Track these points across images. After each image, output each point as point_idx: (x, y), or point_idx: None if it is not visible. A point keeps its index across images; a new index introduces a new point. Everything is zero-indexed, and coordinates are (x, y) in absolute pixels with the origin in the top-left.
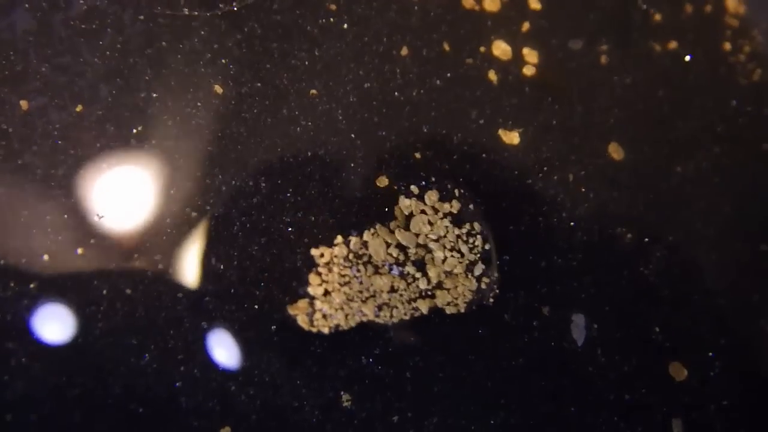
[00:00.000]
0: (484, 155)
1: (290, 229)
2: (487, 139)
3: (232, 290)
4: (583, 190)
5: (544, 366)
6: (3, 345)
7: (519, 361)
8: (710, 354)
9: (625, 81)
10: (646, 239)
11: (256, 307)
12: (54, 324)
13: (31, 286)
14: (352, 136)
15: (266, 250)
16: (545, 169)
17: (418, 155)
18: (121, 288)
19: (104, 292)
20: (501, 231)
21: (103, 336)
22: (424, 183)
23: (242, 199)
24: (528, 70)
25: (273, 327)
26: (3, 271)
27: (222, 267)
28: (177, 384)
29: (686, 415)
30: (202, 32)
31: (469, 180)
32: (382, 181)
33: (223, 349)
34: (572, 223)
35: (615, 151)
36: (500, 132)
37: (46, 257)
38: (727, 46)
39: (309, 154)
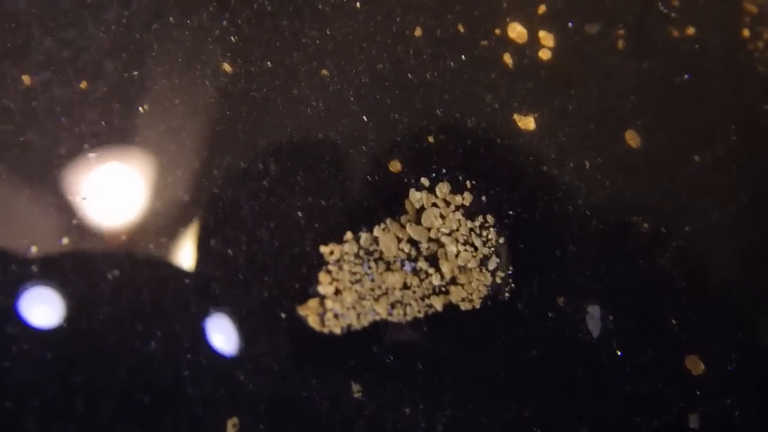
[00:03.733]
0: (498, 140)
1: (300, 213)
2: (501, 124)
3: (240, 276)
4: (599, 177)
5: (558, 358)
6: (4, 330)
7: (533, 353)
8: (727, 347)
9: (642, 67)
10: (663, 229)
11: (265, 293)
12: (57, 308)
13: (34, 268)
14: (364, 118)
15: (275, 234)
16: (560, 155)
17: (431, 139)
18: (126, 271)
19: (108, 276)
20: (515, 219)
21: (107, 321)
22: (434, 175)
23: (251, 181)
24: (544, 54)
25: (282, 314)
26: (4, 253)
27: (230, 251)
28: (183, 372)
29: (703, 410)
30: (211, 7)
31: (483, 169)
32: (395, 166)
33: (231, 337)
34: (588, 212)
35: (632, 139)
36: (515, 117)
37: (48, 239)
38: (746, 32)
39: (320, 136)
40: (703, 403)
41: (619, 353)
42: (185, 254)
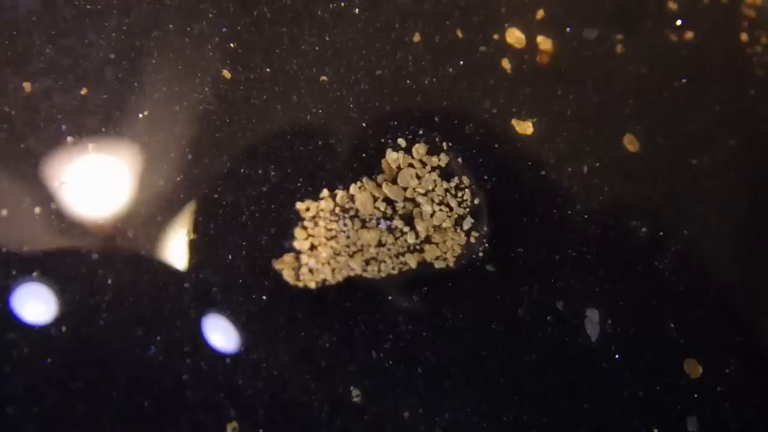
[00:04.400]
0: (497, 145)
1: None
2: (500, 129)
3: (240, 281)
4: (598, 182)
5: (557, 362)
6: (4, 335)
7: (532, 357)
8: (726, 351)
9: (640, 71)
10: (661, 233)
11: (264, 298)
12: (57, 314)
13: (34, 274)
14: (363, 125)
15: (275, 240)
16: (559, 160)
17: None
18: (126, 277)
19: (109, 281)
20: (514, 223)
21: (107, 327)
22: (411, 136)
23: (251, 187)
24: (542, 59)
25: (281, 319)
26: (4, 259)
27: (230, 257)
28: (183, 377)
29: (701, 413)
30: (210, 15)
31: (458, 135)
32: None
33: (231, 341)
34: (586, 216)
35: (630, 143)
36: (513, 122)
37: (49, 244)
38: (744, 37)
39: (320, 142)
40: (702, 406)
41: (617, 357)
42: (185, 260)
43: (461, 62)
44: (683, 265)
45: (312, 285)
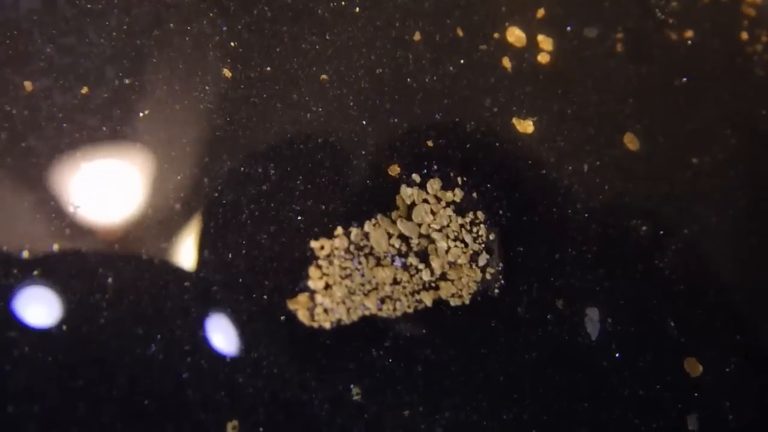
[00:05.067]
0: (497, 144)
1: (300, 217)
2: (500, 128)
3: (240, 279)
4: (598, 180)
5: (557, 360)
6: (4, 334)
7: (532, 356)
8: (726, 350)
9: (640, 70)
10: (662, 232)
11: (265, 297)
12: (57, 313)
13: (35, 273)
14: (364, 123)
15: (275, 238)
16: (559, 159)
17: (430, 143)
18: (126, 276)
19: (109, 280)
20: (514, 222)
21: (107, 326)
22: (426, 171)
23: (251, 186)
24: (542, 58)
25: (282, 318)
26: (5, 257)
27: (230, 256)
28: (183, 376)
29: (701, 412)
30: (211, 14)
31: (474, 166)
32: (394, 170)
33: (231, 340)
34: (586, 215)
35: (630, 142)
36: (514, 120)
37: (49, 243)
38: (744, 35)
39: (319, 140)
40: (702, 405)
41: (617, 356)
42: (186, 259)
43: (462, 61)
44: (683, 264)
45: (327, 325)
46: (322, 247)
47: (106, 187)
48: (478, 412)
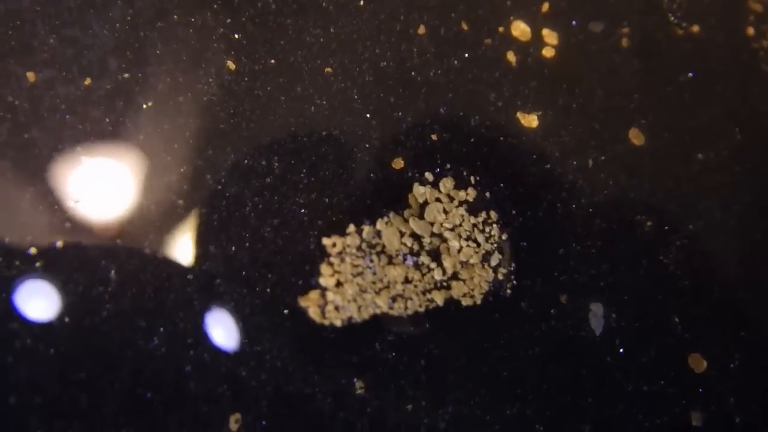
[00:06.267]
0: (501, 139)
1: (303, 210)
2: (505, 122)
3: (244, 273)
4: (603, 176)
5: (561, 355)
6: (6, 326)
7: (536, 351)
8: (730, 346)
9: (646, 65)
10: (666, 227)
11: (268, 290)
12: (60, 305)
13: (37, 264)
14: (368, 116)
15: (279, 232)
16: (564, 153)
17: (434, 137)
18: (129, 269)
19: (112, 273)
20: (519, 217)
21: (110, 318)
22: (438, 170)
23: (255, 178)
24: (547, 52)
25: (285, 311)
26: (7, 249)
27: (233, 248)
28: (186, 368)
29: (705, 408)
30: (215, 6)
31: (486, 166)
32: (398, 163)
33: (234, 334)
34: (591, 210)
35: (635, 137)
36: (518, 115)
37: (52, 236)
38: (750, 31)
39: (323, 133)
40: (706, 401)
41: (621, 351)
42: (189, 251)
43: (466, 55)
44: (688, 260)
45: (338, 323)
46: (334, 245)
47: (109, 180)
48: (481, 406)
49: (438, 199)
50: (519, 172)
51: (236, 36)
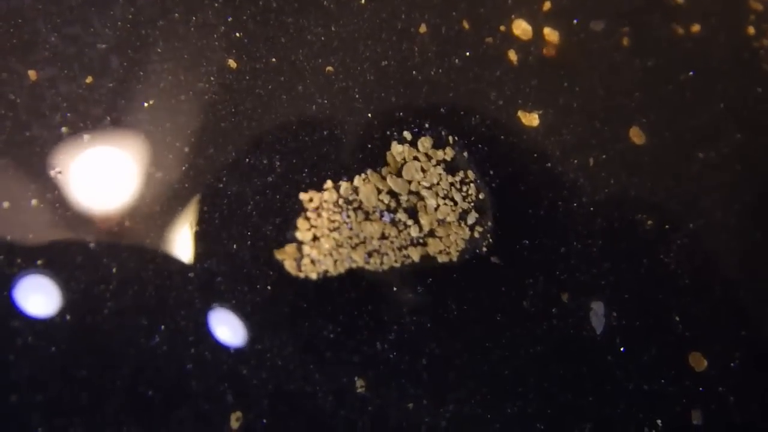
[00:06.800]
0: (502, 137)
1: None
2: (506, 121)
3: (245, 270)
4: (604, 174)
5: (562, 354)
6: (8, 323)
7: (537, 349)
8: (730, 345)
9: (647, 64)
10: (667, 226)
11: (269, 288)
12: (61, 302)
13: (39, 262)
14: (369, 115)
15: (280, 230)
16: (565, 152)
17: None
18: (131, 267)
19: (114, 270)
20: (519, 215)
21: (111, 316)
22: (417, 129)
23: (256, 177)
24: (548, 51)
25: (286, 310)
26: (9, 248)
27: (235, 246)
28: (187, 366)
29: (706, 406)
30: (216, 4)
31: (464, 127)
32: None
33: (235, 332)
34: (592, 209)
35: (636, 136)
36: (519, 114)
37: (53, 233)
38: (751, 30)
39: (325, 132)
40: (706, 399)
41: (622, 350)
42: (190, 249)
43: (467, 54)
44: (689, 259)
45: (313, 276)
46: (311, 200)
47: (111, 178)
48: (482, 405)
49: (416, 158)
50: (520, 170)
51: (237, 34)
